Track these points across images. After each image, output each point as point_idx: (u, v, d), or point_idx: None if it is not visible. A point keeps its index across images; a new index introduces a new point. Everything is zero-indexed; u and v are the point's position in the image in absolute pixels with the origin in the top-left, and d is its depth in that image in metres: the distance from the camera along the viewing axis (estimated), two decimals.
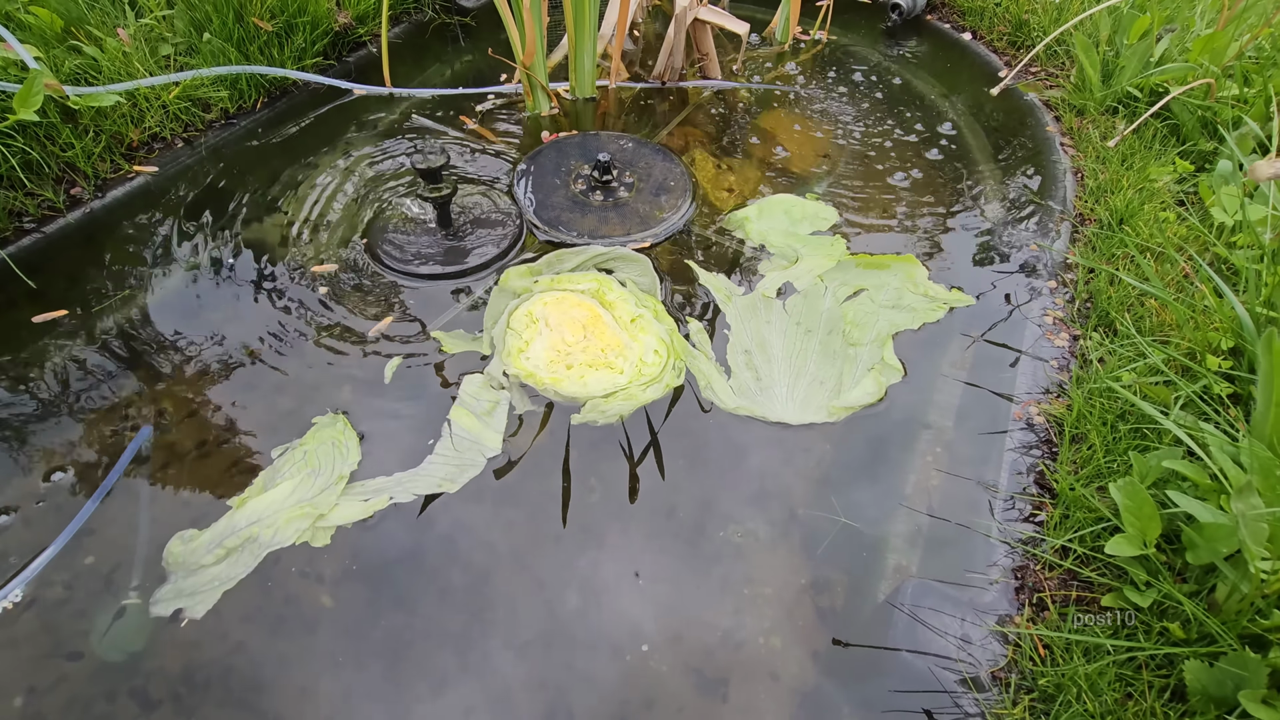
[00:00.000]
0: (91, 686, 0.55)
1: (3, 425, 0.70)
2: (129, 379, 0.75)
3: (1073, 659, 0.53)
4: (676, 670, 0.57)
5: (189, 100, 1.00)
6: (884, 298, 0.87)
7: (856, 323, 0.84)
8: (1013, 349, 0.81)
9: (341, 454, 0.72)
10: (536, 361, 0.79)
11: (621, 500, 0.68)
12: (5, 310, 0.80)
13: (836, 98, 1.22)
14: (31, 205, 0.87)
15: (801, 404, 0.76)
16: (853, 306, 0.86)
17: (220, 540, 0.65)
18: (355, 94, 1.13)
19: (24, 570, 0.60)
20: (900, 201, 1.02)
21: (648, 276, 0.89)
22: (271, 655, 0.57)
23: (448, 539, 0.65)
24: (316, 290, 0.85)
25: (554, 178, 1.01)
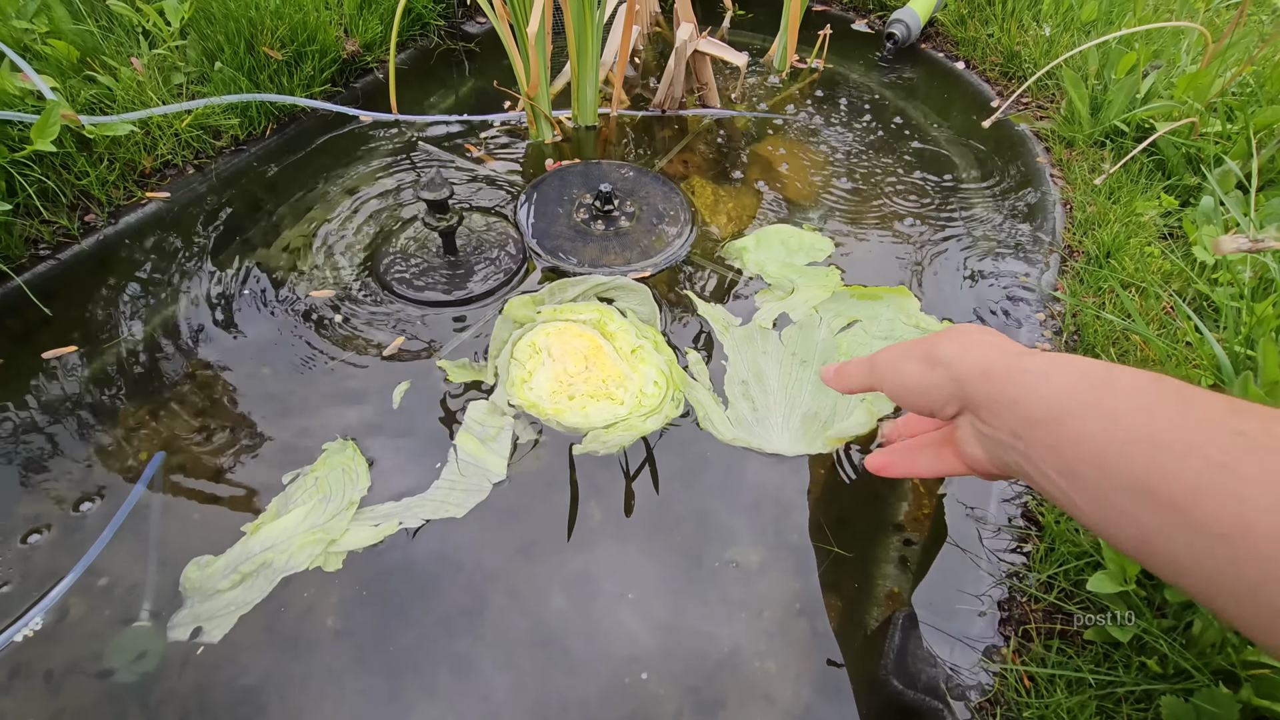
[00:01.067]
0: (110, 708, 0.57)
1: (15, 453, 0.72)
2: (140, 406, 0.77)
3: (1056, 692, 0.56)
4: (674, 691, 0.59)
5: (200, 128, 1.02)
6: (877, 329, 0.89)
7: (850, 354, 0.86)
8: None
9: (351, 480, 0.74)
10: (540, 392, 0.81)
11: (622, 526, 0.70)
12: (21, 337, 0.82)
13: (832, 125, 1.25)
14: (47, 233, 0.89)
15: (795, 435, 0.78)
16: (846, 338, 0.88)
17: (235, 566, 0.67)
18: (363, 120, 1.15)
19: (43, 599, 0.61)
20: (892, 230, 1.04)
21: (647, 305, 0.91)
22: (284, 677, 0.59)
23: (455, 564, 0.67)
24: (323, 315, 0.87)
25: (557, 206, 1.04)
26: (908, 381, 0.48)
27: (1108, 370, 0.37)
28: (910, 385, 0.48)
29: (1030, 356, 0.41)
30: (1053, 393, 0.37)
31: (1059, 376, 0.38)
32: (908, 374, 0.48)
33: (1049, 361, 0.39)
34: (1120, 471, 0.33)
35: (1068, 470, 0.36)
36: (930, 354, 0.47)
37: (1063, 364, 0.39)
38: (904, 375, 0.49)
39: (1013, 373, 0.40)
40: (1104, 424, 0.34)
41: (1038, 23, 1.38)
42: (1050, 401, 0.37)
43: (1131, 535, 0.33)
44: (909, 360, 0.49)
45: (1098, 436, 0.34)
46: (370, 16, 1.21)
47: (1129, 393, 0.35)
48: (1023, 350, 0.43)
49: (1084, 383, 0.36)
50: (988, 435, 0.42)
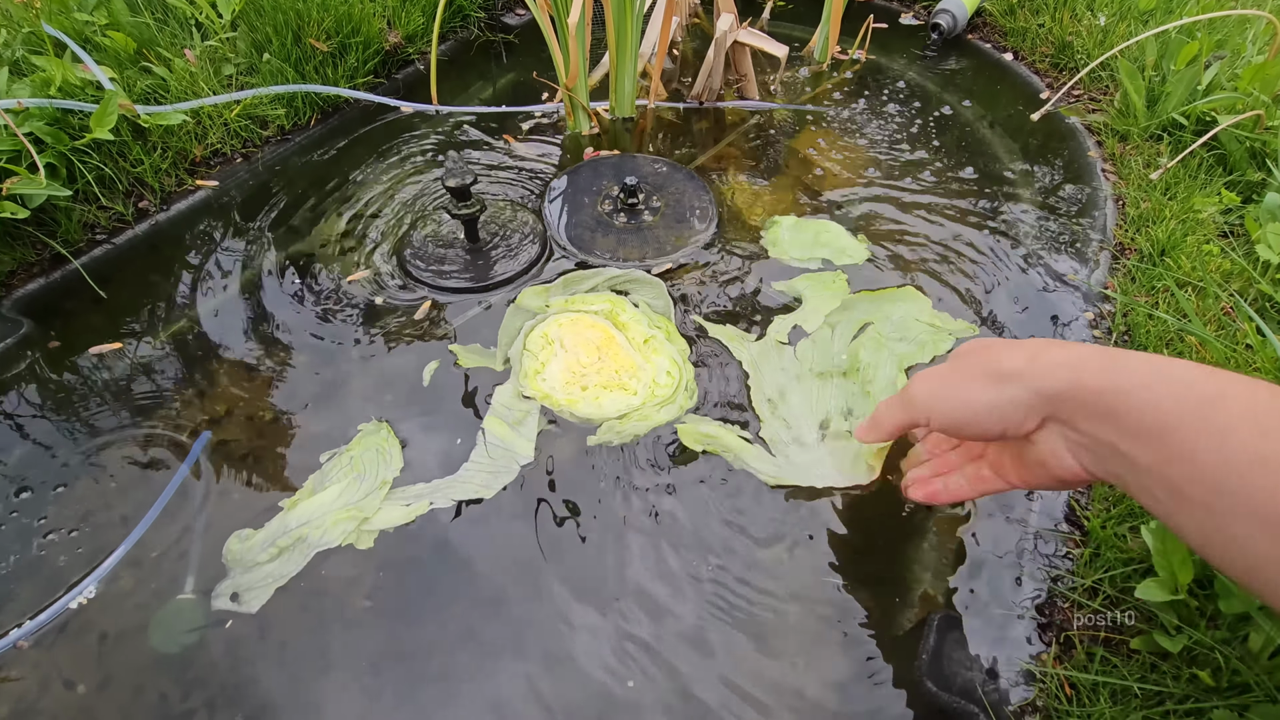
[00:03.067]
0: (154, 676, 0.59)
1: (69, 431, 0.75)
2: (188, 385, 0.79)
3: (1099, 701, 0.54)
4: (709, 688, 0.59)
5: (249, 118, 1.05)
6: (889, 330, 0.87)
7: (868, 362, 0.83)
8: None
9: (385, 460, 0.76)
10: (553, 383, 0.81)
11: (644, 519, 0.69)
12: (77, 315, 0.85)
13: (873, 118, 1.22)
14: (104, 218, 0.92)
15: (837, 461, 0.74)
16: (861, 345, 0.85)
17: (273, 539, 0.69)
18: (404, 111, 1.17)
19: (96, 569, 0.64)
20: (934, 225, 1.02)
21: (662, 299, 0.90)
22: (314, 651, 0.60)
23: (483, 544, 0.68)
24: (358, 300, 0.88)
25: (584, 197, 1.04)
26: (975, 405, 0.44)
27: (1216, 380, 0.34)
28: (978, 409, 0.44)
29: (1126, 360, 0.37)
30: (1157, 403, 0.34)
31: (1162, 384, 0.35)
32: (973, 398, 0.44)
33: (1150, 367, 0.36)
34: (1237, 495, 0.30)
35: (1173, 489, 0.33)
36: (993, 370, 0.43)
37: (1165, 370, 0.36)
38: (967, 400, 0.45)
39: (1109, 379, 0.37)
40: (1215, 441, 0.31)
41: (1092, 12, 1.33)
42: (1153, 414, 0.34)
43: (1243, 563, 0.31)
44: (967, 382, 0.45)
45: (1209, 455, 0.32)
46: (413, 8, 1.22)
47: (1244, 408, 0.32)
48: (1109, 352, 0.40)
49: (1190, 394, 0.34)
50: (1085, 446, 0.39)
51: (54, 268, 0.88)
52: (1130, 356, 0.38)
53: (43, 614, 0.60)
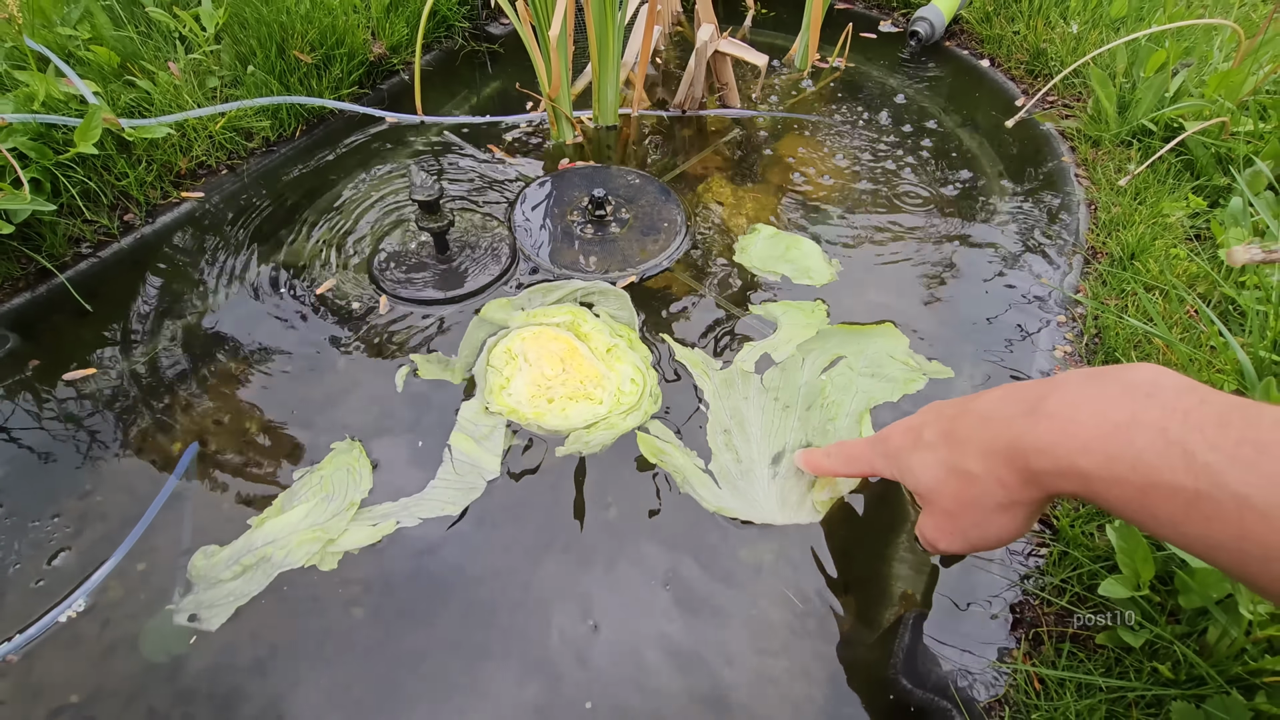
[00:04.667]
0: (139, 685, 0.59)
1: (54, 446, 0.76)
2: (172, 398, 0.80)
3: (1065, 695, 0.56)
4: (683, 690, 0.60)
5: (233, 130, 1.05)
6: (862, 365, 0.86)
7: (834, 396, 0.83)
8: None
9: (355, 480, 0.76)
10: (519, 398, 0.81)
11: (616, 526, 0.71)
12: (63, 329, 0.85)
13: (853, 125, 1.24)
14: (89, 232, 0.93)
15: (782, 498, 0.73)
16: (830, 378, 0.85)
17: (238, 558, 0.69)
18: (388, 121, 1.18)
19: (85, 582, 0.64)
20: (910, 231, 1.04)
21: (626, 310, 0.92)
22: (276, 671, 0.61)
23: (448, 562, 0.68)
24: (335, 312, 0.89)
25: (555, 208, 1.05)
26: (998, 538, 0.48)
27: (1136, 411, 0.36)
28: (1002, 539, 0.47)
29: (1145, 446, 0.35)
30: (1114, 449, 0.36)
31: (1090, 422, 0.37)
32: (993, 535, 0.47)
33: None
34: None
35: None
36: (1004, 501, 0.44)
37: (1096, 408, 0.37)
38: (989, 537, 0.48)
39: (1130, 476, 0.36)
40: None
41: (1065, 20, 1.35)
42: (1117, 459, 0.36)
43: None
44: (985, 520, 0.46)
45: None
46: (397, 19, 1.23)
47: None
48: (1123, 435, 0.37)
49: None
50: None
51: (39, 282, 0.88)
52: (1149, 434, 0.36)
53: (31, 628, 0.61)
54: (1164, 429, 0.34)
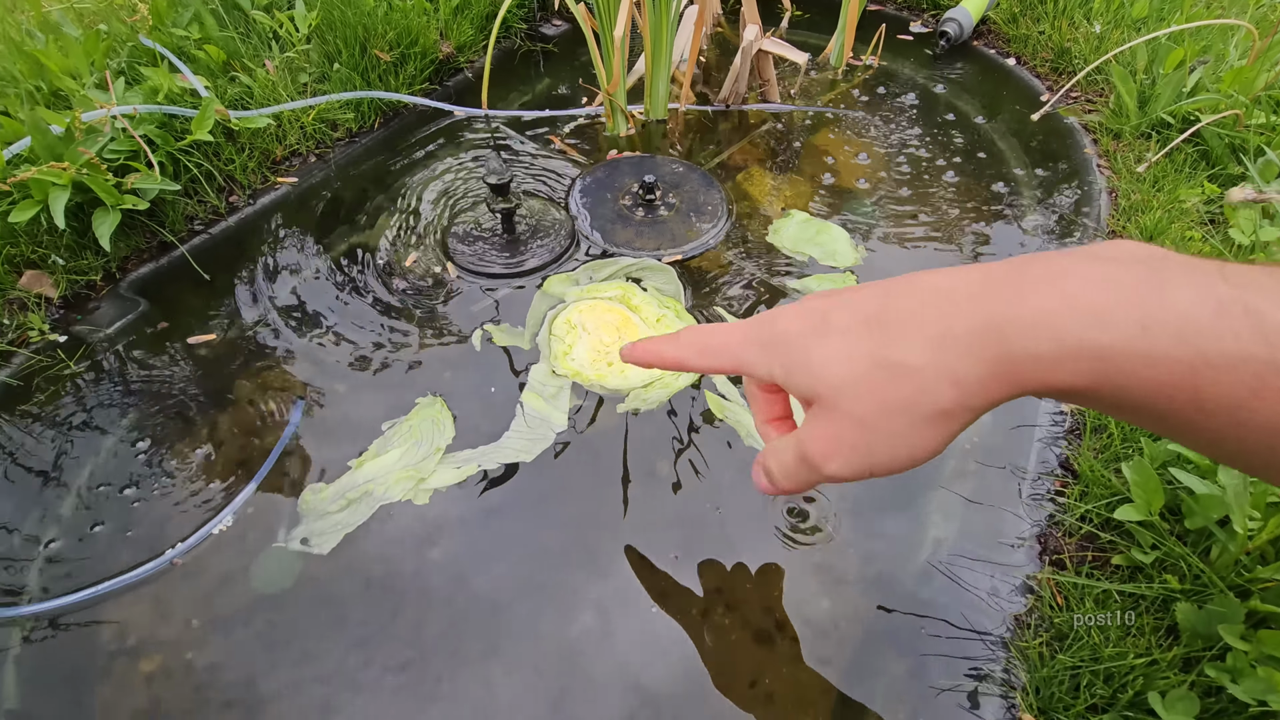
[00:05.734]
0: (251, 612, 0.69)
1: (183, 394, 0.86)
2: (278, 358, 0.91)
3: (1085, 604, 0.64)
4: (737, 625, 0.69)
5: (322, 121, 1.16)
6: None
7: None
8: None
9: (439, 429, 0.86)
10: (581, 361, 0.91)
11: (680, 471, 0.80)
12: (181, 296, 0.96)
13: (885, 120, 1.33)
14: (202, 211, 1.04)
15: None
16: None
17: (343, 493, 0.79)
18: (456, 115, 1.28)
19: (227, 505, 0.75)
20: (938, 216, 1.12)
21: (672, 285, 1.01)
22: (376, 592, 0.71)
23: (526, 502, 0.78)
24: (411, 281, 1.00)
25: (607, 193, 1.15)
26: (920, 456, 0.32)
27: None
28: (923, 457, 0.32)
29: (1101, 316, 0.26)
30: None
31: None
32: (918, 451, 0.32)
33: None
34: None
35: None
36: (933, 410, 0.30)
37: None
38: (913, 456, 0.32)
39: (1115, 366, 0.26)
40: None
41: (1088, 20, 1.43)
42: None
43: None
44: (902, 436, 0.31)
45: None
46: (463, 20, 1.34)
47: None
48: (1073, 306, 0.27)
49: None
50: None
51: (162, 254, 1.00)
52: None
53: (191, 538, 0.72)
54: (1206, 285, 0.24)
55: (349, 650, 0.67)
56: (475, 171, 1.18)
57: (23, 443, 0.80)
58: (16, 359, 0.86)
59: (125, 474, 0.78)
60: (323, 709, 0.63)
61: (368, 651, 0.66)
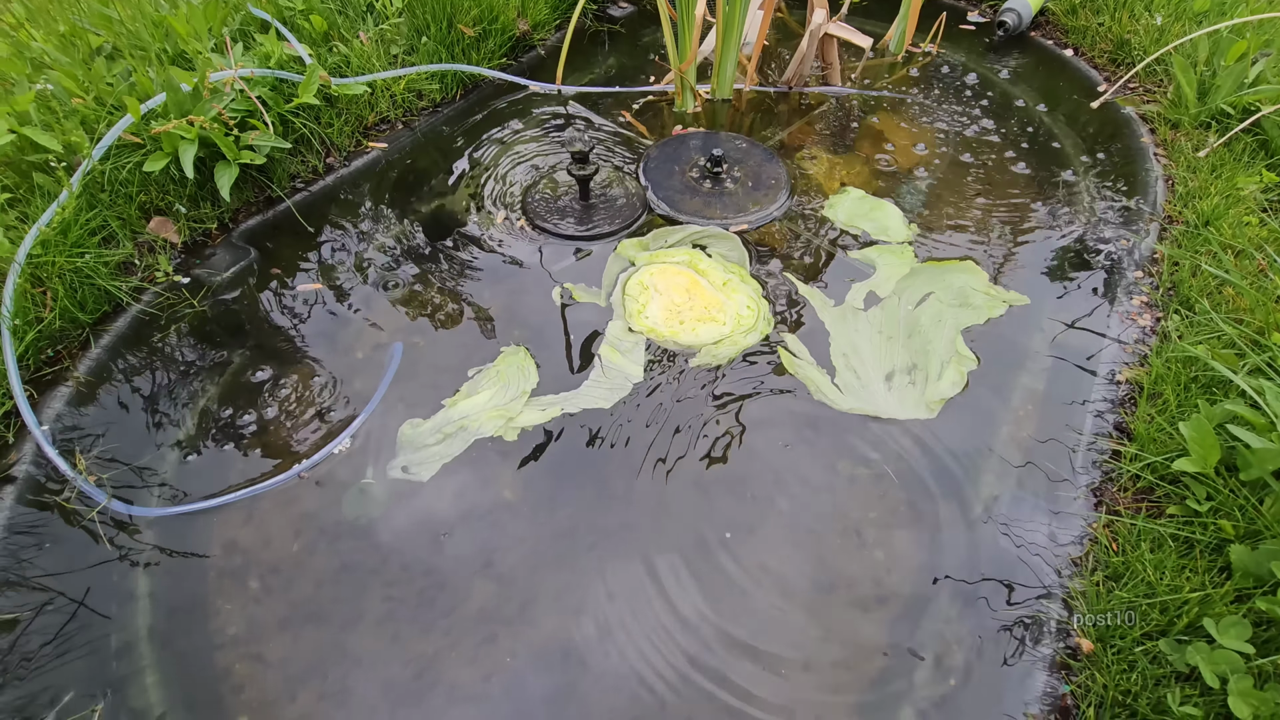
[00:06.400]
0: (343, 540, 0.77)
1: (294, 343, 0.94)
2: (375, 308, 0.98)
3: (1141, 548, 0.69)
4: (803, 575, 0.75)
5: (410, 91, 1.23)
6: (950, 298, 1.01)
7: (930, 324, 0.97)
8: (1095, 333, 0.95)
9: (524, 376, 0.93)
10: (655, 320, 0.98)
11: (746, 420, 0.86)
12: (286, 246, 1.04)
13: (941, 106, 1.36)
14: (303, 170, 1.11)
15: (899, 403, 0.88)
16: (925, 310, 0.99)
17: (439, 428, 0.87)
18: (531, 89, 1.35)
19: (345, 429, 0.83)
20: (994, 198, 1.16)
21: (737, 251, 1.08)
22: (477, 516, 0.78)
23: (608, 443, 0.85)
24: (493, 241, 1.07)
25: (674, 165, 1.20)
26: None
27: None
28: None
29: None
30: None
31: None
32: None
33: None
34: None
35: None
36: None
37: None
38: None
39: None
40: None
41: (1149, 12, 1.45)
42: None
43: None
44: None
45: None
46: (539, 0, 1.40)
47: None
48: None
49: None
50: None
51: (268, 208, 1.07)
52: None
53: (314, 457, 0.79)
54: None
55: (437, 577, 0.74)
56: (549, 142, 1.24)
57: (156, 367, 0.89)
58: (146, 295, 0.94)
59: (244, 400, 0.86)
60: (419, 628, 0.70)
61: (457, 578, 0.74)
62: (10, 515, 0.74)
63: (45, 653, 0.67)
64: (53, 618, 0.69)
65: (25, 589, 0.70)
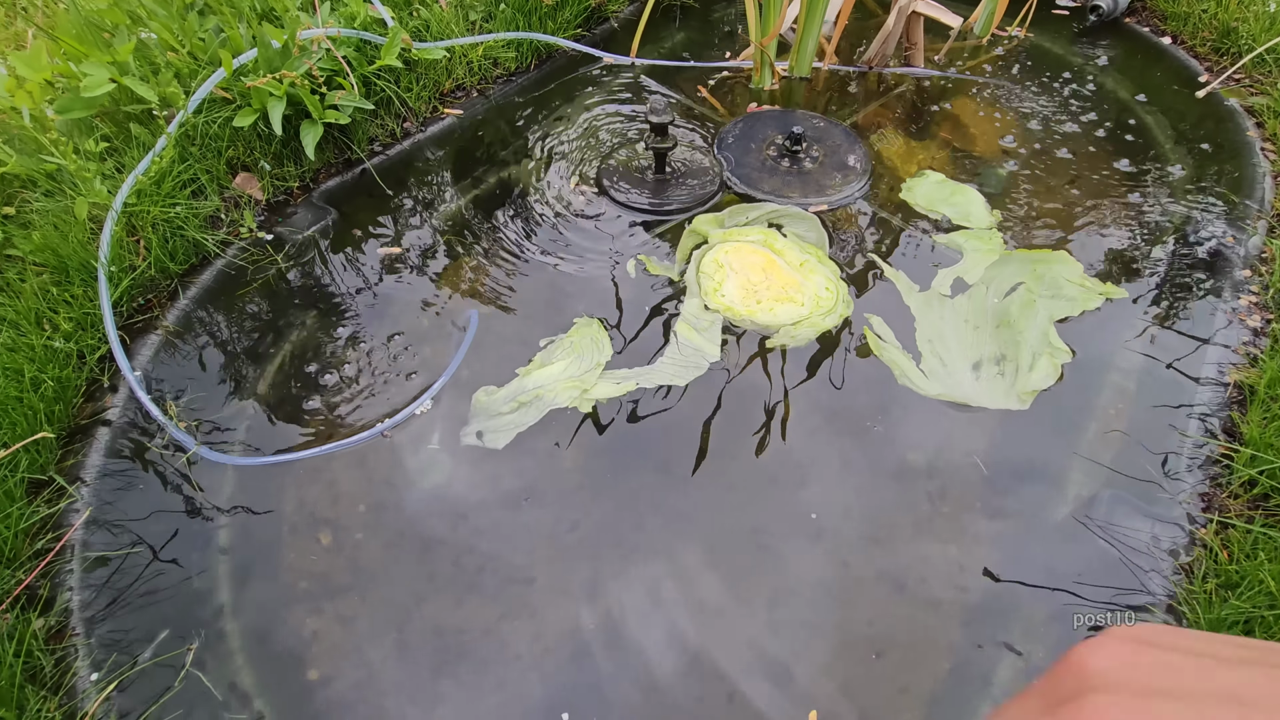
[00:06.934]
0: (412, 503, 0.77)
1: (372, 304, 0.94)
2: (451, 274, 0.98)
3: (1257, 556, 0.65)
4: (868, 563, 0.73)
5: (487, 58, 1.22)
6: (1042, 288, 0.96)
7: (1020, 314, 0.93)
8: (1196, 337, 0.90)
9: (598, 348, 0.92)
10: (732, 298, 0.96)
11: (831, 405, 0.83)
12: (363, 208, 1.04)
13: (1026, 92, 1.31)
14: (381, 133, 1.11)
15: (989, 392, 0.85)
16: (1015, 299, 0.95)
17: (514, 396, 0.86)
18: (604, 61, 1.33)
19: (425, 391, 0.83)
20: (1084, 189, 1.11)
21: (815, 232, 1.04)
22: (548, 487, 0.77)
23: (680, 420, 0.83)
24: (568, 212, 1.05)
25: (751, 143, 1.17)
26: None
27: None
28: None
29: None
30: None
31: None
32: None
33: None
34: None
35: None
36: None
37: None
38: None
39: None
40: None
41: None
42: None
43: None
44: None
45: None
46: None
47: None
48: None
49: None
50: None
51: (346, 170, 1.08)
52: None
53: (398, 414, 0.80)
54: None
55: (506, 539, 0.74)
56: (623, 115, 1.22)
57: (238, 320, 0.90)
58: (230, 250, 0.95)
59: (320, 358, 0.87)
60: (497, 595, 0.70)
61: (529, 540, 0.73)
62: (104, 457, 0.76)
63: (138, 589, 0.68)
64: (140, 559, 0.71)
65: (115, 529, 0.72)
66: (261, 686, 0.64)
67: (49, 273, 0.82)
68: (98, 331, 0.81)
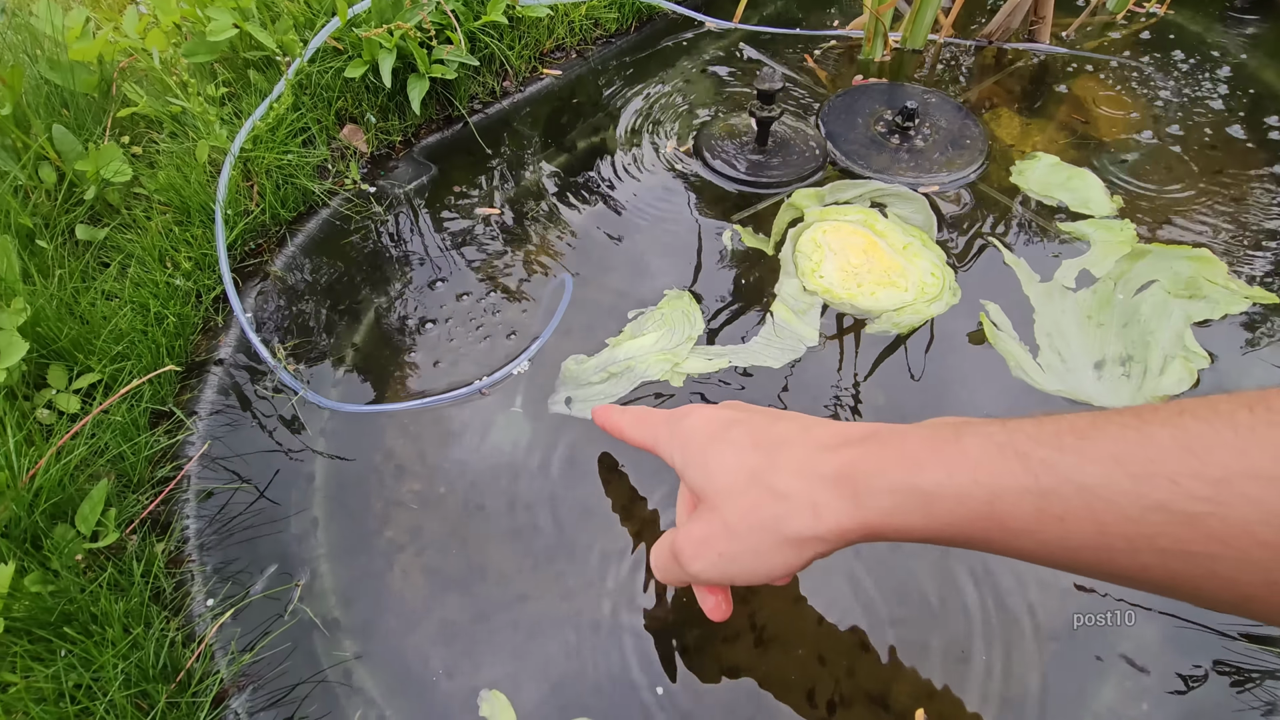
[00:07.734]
0: (491, 465, 0.77)
1: (472, 261, 0.94)
2: (547, 237, 0.97)
3: None
4: None
5: (588, 18, 1.20)
6: (1179, 287, 0.88)
7: (1152, 313, 0.86)
8: None
9: (690, 322, 0.90)
10: (830, 280, 0.91)
11: (933, 390, 0.79)
12: (467, 167, 1.04)
13: (1162, 76, 1.20)
14: (481, 91, 1.11)
15: (1111, 393, 0.79)
16: (1146, 297, 0.88)
17: (604, 366, 0.85)
18: (707, 25, 1.28)
19: (525, 351, 0.83)
20: (1220, 191, 1.01)
21: (923, 214, 0.98)
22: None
23: (772, 401, 0.80)
24: (664, 179, 1.03)
25: (857, 117, 1.12)
26: (772, 573, 0.39)
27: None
28: (775, 574, 0.39)
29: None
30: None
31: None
32: (768, 569, 0.39)
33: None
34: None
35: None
36: (789, 537, 0.37)
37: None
38: (759, 572, 0.39)
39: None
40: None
41: None
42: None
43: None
44: (758, 554, 0.38)
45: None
46: None
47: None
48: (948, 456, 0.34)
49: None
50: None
51: (446, 126, 1.08)
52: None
53: (496, 373, 0.80)
54: (989, 434, 0.32)
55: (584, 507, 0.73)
56: (724, 80, 1.18)
57: (341, 270, 0.91)
58: (335, 200, 0.96)
59: (417, 313, 0.87)
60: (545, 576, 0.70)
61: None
62: (215, 394, 0.79)
63: (242, 523, 0.71)
64: (246, 495, 0.73)
65: (223, 464, 0.75)
66: (354, 629, 0.65)
67: (172, 212, 0.85)
68: (213, 272, 0.84)
